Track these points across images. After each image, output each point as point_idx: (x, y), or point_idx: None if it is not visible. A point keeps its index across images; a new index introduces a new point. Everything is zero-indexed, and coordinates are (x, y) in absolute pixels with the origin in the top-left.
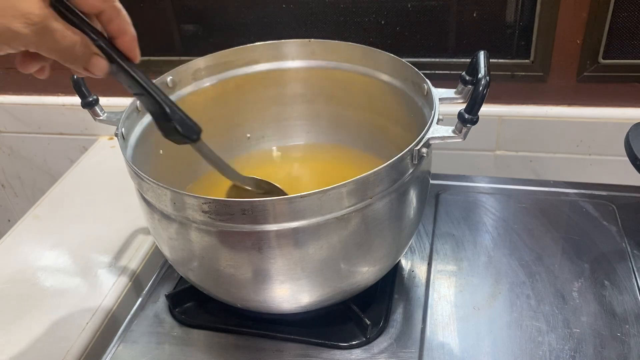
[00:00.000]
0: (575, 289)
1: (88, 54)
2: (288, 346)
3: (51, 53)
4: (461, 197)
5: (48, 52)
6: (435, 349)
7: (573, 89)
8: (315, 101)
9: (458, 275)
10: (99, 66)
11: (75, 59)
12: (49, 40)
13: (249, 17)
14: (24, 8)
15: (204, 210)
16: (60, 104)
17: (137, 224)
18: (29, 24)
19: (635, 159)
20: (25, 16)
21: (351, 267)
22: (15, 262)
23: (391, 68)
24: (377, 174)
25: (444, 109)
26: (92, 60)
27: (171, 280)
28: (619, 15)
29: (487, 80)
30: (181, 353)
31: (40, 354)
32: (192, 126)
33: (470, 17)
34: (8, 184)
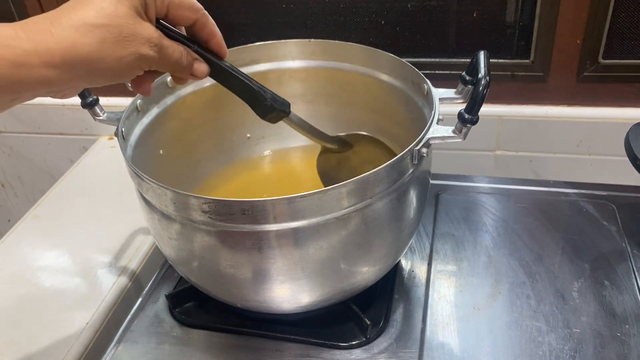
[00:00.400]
0: (575, 289)
1: (191, 61)
2: (288, 346)
3: (167, 67)
4: (461, 197)
5: (165, 67)
6: (435, 349)
7: (573, 89)
8: (315, 101)
9: (458, 275)
10: (201, 69)
11: (184, 67)
12: (165, 56)
13: (249, 17)
14: (146, 34)
15: (204, 210)
16: (60, 104)
17: (137, 224)
18: (152, 46)
19: (635, 159)
20: (149, 41)
21: (351, 267)
22: (15, 262)
23: (391, 68)
24: (377, 174)
25: (444, 109)
26: (194, 66)
27: (171, 280)
28: (619, 15)
29: (487, 80)
30: (181, 353)
31: (40, 354)
32: (283, 102)
33: (470, 17)
34: (8, 184)
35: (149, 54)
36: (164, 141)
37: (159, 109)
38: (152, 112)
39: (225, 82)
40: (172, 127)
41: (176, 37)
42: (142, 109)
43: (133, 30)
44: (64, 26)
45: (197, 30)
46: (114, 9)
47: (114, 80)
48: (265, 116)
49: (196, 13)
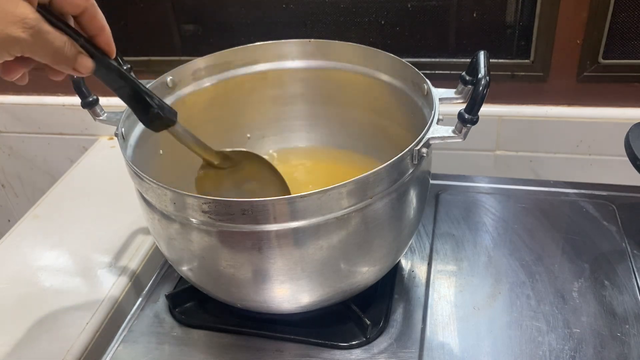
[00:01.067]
0: (575, 289)
1: (75, 54)
2: (288, 346)
3: (44, 56)
4: (461, 197)
5: (42, 55)
6: (435, 349)
7: (573, 89)
8: (315, 101)
9: (458, 275)
10: (86, 64)
11: (65, 59)
12: (43, 43)
13: (249, 17)
14: (20, 13)
15: (204, 210)
16: (60, 104)
17: (137, 224)
18: (26, 28)
19: (635, 159)
20: (22, 21)
21: (351, 267)
22: (15, 262)
23: (391, 68)
24: (377, 174)
25: (444, 109)
26: (78, 59)
27: (171, 280)
28: (619, 15)
29: (487, 80)
30: (181, 353)
31: (40, 354)
32: (170, 109)
33: (470, 17)
34: (8, 184)
35: (20, 36)
36: (164, 141)
37: None
38: None
39: (111, 83)
40: None
41: (60, 25)
42: None
43: (1, 6)
44: None
45: (84, 21)
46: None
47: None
48: (150, 123)
49: (85, 2)
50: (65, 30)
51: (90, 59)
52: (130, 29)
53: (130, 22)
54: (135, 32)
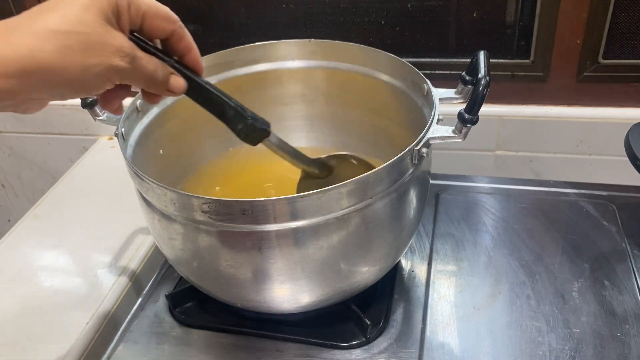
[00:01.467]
0: (575, 289)
1: (167, 75)
2: (288, 346)
3: (140, 81)
4: (461, 197)
5: (138, 80)
6: (435, 349)
7: (573, 89)
8: (315, 101)
9: (458, 275)
10: (179, 84)
11: (159, 82)
12: (139, 69)
13: (249, 17)
14: (117, 43)
15: (204, 211)
16: (60, 104)
17: (137, 224)
18: (123, 56)
19: (635, 159)
20: (120, 51)
21: (351, 267)
22: (15, 262)
23: (391, 68)
24: (377, 174)
25: (444, 109)
26: (171, 81)
27: (171, 280)
28: (619, 15)
29: (487, 80)
30: (181, 353)
31: (40, 354)
32: (263, 120)
33: (470, 17)
34: (8, 184)
35: (120, 65)
36: (164, 141)
37: (159, 109)
38: (152, 112)
39: (202, 100)
40: (172, 127)
41: (151, 49)
42: (142, 109)
43: (101, 38)
44: (24, 33)
45: (173, 43)
46: (80, 15)
47: (81, 92)
48: (245, 137)
49: (173, 24)
50: (155, 53)
51: (182, 78)
52: None
53: None
54: None
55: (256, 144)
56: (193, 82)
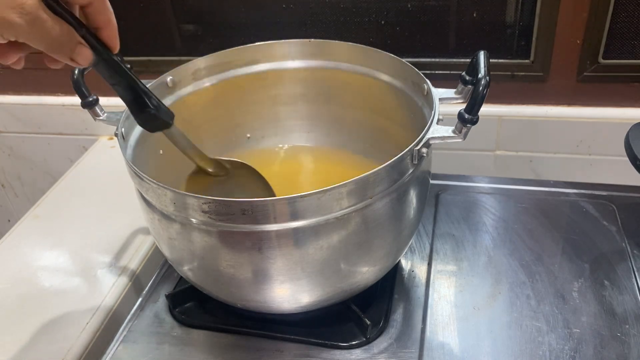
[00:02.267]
0: (575, 289)
1: (74, 44)
2: (288, 346)
3: (40, 43)
4: (461, 197)
5: (37, 42)
6: (435, 349)
7: (573, 89)
8: (315, 101)
9: (458, 275)
10: (84, 55)
11: (62, 48)
12: (39, 30)
13: (249, 17)
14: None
15: (204, 210)
16: (60, 104)
17: (137, 224)
18: (23, 14)
19: (635, 159)
20: (20, 6)
21: (351, 267)
22: (15, 262)
23: (391, 68)
24: (377, 174)
25: (444, 109)
26: (77, 50)
27: (171, 280)
28: (619, 15)
29: (487, 80)
30: (181, 353)
31: (40, 354)
32: (167, 111)
33: (470, 17)
34: (8, 184)
35: (15, 21)
36: (164, 141)
37: None
38: None
39: (110, 78)
40: None
41: (63, 14)
42: None
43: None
44: None
45: (90, 13)
46: None
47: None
48: (145, 123)
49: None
50: (67, 19)
51: (89, 50)
52: (130, 28)
53: (130, 22)
54: (135, 32)
55: (153, 132)
56: (103, 57)
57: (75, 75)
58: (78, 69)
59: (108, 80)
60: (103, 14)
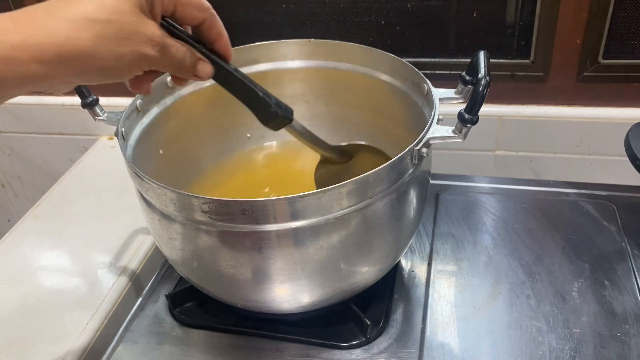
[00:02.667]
0: (575, 289)
1: (195, 61)
2: (288, 346)
3: (169, 67)
4: (461, 197)
5: (167, 67)
6: (435, 349)
7: (573, 89)
8: (315, 101)
9: (458, 275)
10: (205, 70)
11: (187, 68)
12: (168, 56)
13: (249, 17)
14: (149, 33)
15: (204, 211)
16: (60, 104)
17: (137, 224)
18: (154, 45)
19: (635, 159)
20: (151, 40)
21: (351, 267)
22: (15, 262)
23: (391, 68)
24: (377, 174)
25: (444, 109)
26: (198, 66)
27: (171, 280)
28: (619, 15)
29: (487, 80)
30: (181, 353)
31: (40, 354)
32: (287, 107)
33: (470, 17)
34: (8, 184)
35: (150, 54)
36: (164, 141)
37: (159, 109)
38: (152, 112)
39: (229, 86)
40: (172, 127)
41: (181, 35)
42: (142, 109)
43: (135, 27)
44: (59, 19)
45: (204, 30)
46: (115, 3)
47: (111, 79)
48: (267, 122)
49: (204, 12)
50: (185, 39)
51: (209, 64)
52: None
53: None
54: None
55: (277, 129)
56: (220, 69)
57: None
58: None
59: (228, 89)
60: (215, 28)
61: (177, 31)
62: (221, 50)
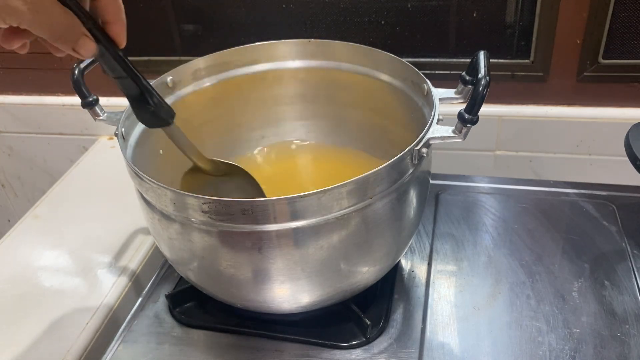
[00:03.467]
0: (575, 289)
1: (77, 35)
2: (288, 346)
3: (42, 31)
4: (461, 197)
5: (40, 30)
6: (435, 349)
7: (573, 89)
8: (315, 101)
9: (458, 275)
10: (87, 47)
11: (65, 38)
12: (43, 18)
13: (249, 17)
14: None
15: (204, 211)
16: (60, 104)
17: (137, 224)
18: (27, 1)
19: (635, 159)
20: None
21: (351, 267)
22: (15, 262)
23: (391, 68)
24: (377, 174)
25: (444, 109)
26: (80, 41)
27: (171, 280)
28: (619, 15)
29: (487, 80)
30: (181, 353)
31: (40, 354)
32: (168, 109)
33: (470, 17)
34: (8, 184)
35: (17, 7)
36: (164, 141)
37: None
38: None
39: (113, 72)
40: None
41: (70, 4)
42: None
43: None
44: None
45: (99, 7)
46: None
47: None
48: (143, 120)
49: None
50: (74, 10)
51: (93, 42)
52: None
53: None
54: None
55: (152, 127)
56: (106, 52)
57: (75, 75)
58: (78, 69)
59: (110, 73)
60: (113, 9)
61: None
62: (114, 34)
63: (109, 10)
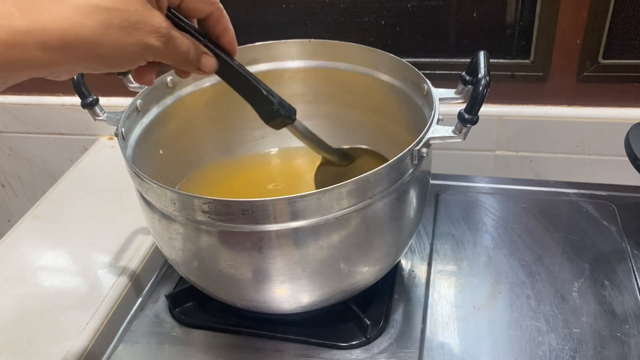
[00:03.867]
0: (575, 289)
1: (199, 55)
2: (288, 346)
3: (173, 59)
4: (461, 197)
5: (171, 59)
6: (435, 349)
7: (573, 89)
8: (315, 101)
9: (458, 275)
10: (209, 64)
11: (190, 61)
12: (172, 48)
13: (249, 17)
14: (155, 23)
15: (204, 211)
16: (60, 104)
17: (137, 224)
18: (159, 36)
19: (635, 159)
20: (157, 31)
21: (351, 267)
22: (15, 262)
23: (391, 68)
24: (377, 174)
25: (444, 109)
26: (202, 60)
27: (171, 280)
28: (619, 15)
29: (487, 80)
30: (181, 353)
31: (40, 354)
32: (290, 107)
33: (470, 17)
34: (8, 184)
35: (154, 45)
36: (164, 141)
37: (159, 109)
38: (152, 112)
39: (233, 82)
40: (172, 127)
41: (186, 28)
42: (142, 109)
43: (141, 17)
44: (64, 5)
45: (210, 24)
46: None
47: (114, 68)
48: (269, 121)
49: (211, 6)
50: (190, 32)
51: (213, 58)
52: None
53: None
54: None
55: (279, 128)
56: (225, 64)
57: (75, 75)
58: None
59: (231, 84)
60: (221, 23)
61: (183, 23)
62: (226, 45)
63: (218, 25)
